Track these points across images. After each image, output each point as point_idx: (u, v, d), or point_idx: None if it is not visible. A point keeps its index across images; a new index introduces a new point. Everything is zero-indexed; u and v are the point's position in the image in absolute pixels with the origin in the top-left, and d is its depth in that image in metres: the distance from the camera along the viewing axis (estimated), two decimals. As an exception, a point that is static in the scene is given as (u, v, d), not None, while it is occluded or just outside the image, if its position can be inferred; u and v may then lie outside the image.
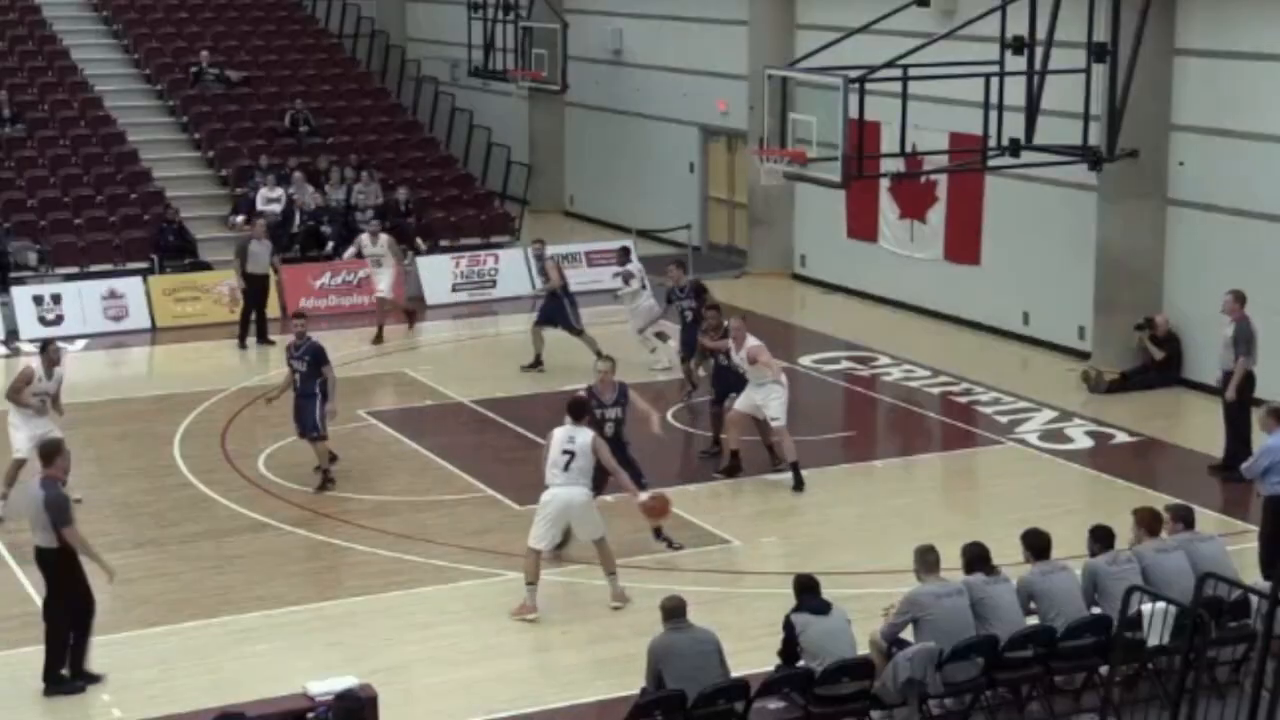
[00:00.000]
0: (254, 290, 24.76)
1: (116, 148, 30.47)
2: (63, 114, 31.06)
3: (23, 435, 17.43)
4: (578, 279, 28.09)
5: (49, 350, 17.81)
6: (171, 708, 12.75)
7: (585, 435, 14.77)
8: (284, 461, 19.16)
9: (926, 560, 12.41)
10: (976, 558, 12.60)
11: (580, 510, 14.80)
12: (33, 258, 26.96)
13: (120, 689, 13.49)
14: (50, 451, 13.80)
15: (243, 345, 24.75)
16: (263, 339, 24.83)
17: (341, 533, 16.99)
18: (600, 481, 15.37)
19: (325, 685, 11.20)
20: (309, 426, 18.36)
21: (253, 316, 24.78)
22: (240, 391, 22.26)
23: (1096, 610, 12.72)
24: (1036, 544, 12.84)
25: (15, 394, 17.46)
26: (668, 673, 11.57)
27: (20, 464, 17.46)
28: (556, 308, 23.16)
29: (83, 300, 26.03)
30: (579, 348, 22.65)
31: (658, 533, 16.36)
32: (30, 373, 17.55)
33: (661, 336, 23.06)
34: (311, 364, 18.34)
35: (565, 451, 14.68)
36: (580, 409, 15.12)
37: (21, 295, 25.86)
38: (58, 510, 13.31)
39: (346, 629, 14.74)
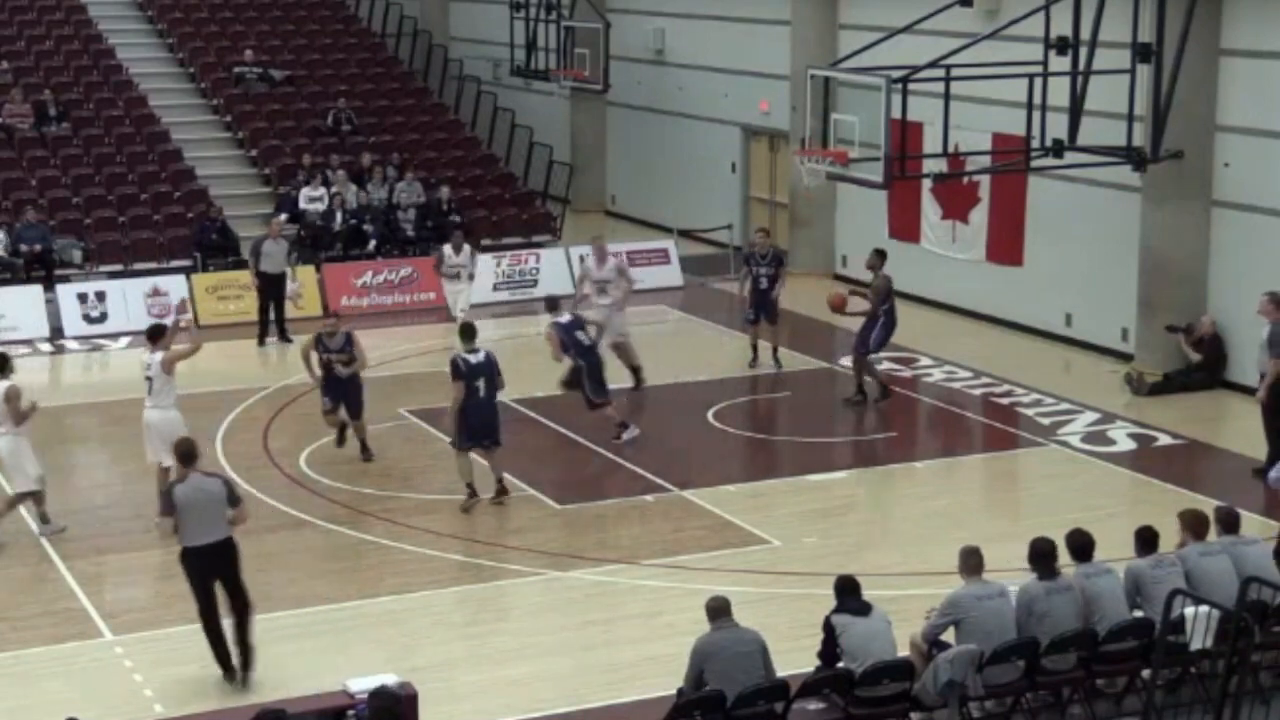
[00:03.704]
0: (269, 289, 24.88)
1: (160, 146, 30.63)
2: (107, 113, 31.25)
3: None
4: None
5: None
6: (213, 704, 12.82)
7: (155, 357, 17.12)
8: (325, 460, 19.22)
9: (969, 562, 12.35)
10: (1041, 554, 12.47)
11: (164, 428, 16.75)
12: (77, 255, 27.13)
13: (162, 685, 13.57)
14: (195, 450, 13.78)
15: (261, 343, 24.90)
16: (283, 337, 24.94)
17: (382, 531, 17.05)
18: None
19: (366, 683, 11.20)
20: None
21: (272, 315, 24.91)
22: (281, 389, 22.33)
23: (1139, 613, 12.64)
24: (1079, 545, 12.77)
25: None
26: (709, 672, 11.55)
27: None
28: (352, 390, 19.40)
29: (126, 298, 26.16)
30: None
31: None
32: None
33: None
34: (493, 374, 17.54)
35: (146, 378, 17.15)
36: (158, 332, 17.44)
37: (66, 293, 26.02)
38: (237, 496, 13.60)
39: (388, 627, 14.78)
